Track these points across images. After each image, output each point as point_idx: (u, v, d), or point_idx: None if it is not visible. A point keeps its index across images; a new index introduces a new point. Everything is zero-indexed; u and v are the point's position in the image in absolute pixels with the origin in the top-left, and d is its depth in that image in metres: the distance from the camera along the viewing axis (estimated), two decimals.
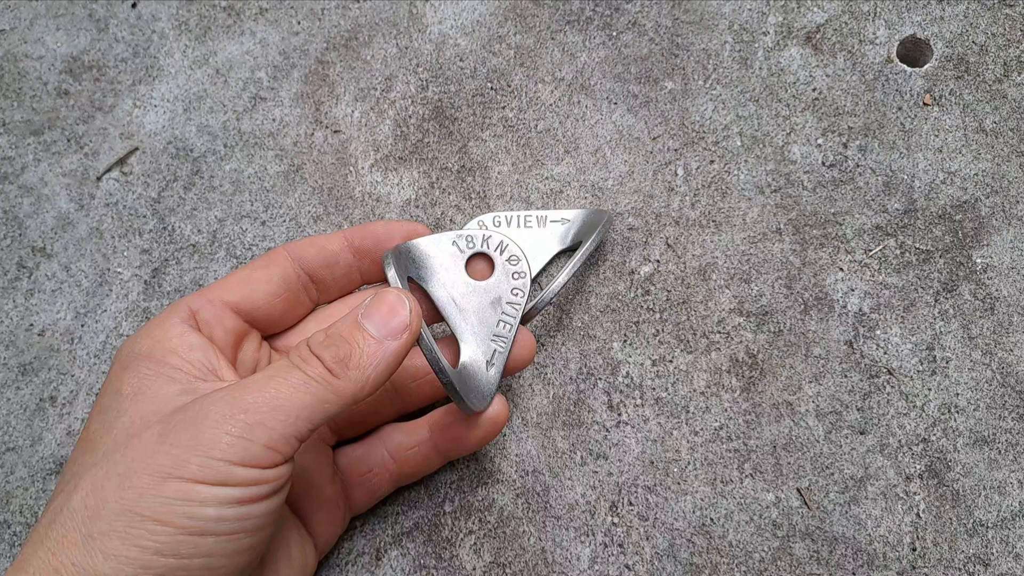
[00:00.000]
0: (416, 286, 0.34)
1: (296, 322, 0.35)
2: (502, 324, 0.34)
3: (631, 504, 0.36)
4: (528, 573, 0.36)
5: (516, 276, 0.35)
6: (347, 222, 0.42)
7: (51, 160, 0.45)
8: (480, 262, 0.35)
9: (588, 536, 0.36)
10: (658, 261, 0.40)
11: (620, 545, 0.36)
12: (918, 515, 0.35)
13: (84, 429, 0.29)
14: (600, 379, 0.38)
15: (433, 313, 0.35)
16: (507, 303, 0.34)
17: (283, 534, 0.31)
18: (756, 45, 0.44)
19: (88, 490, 0.25)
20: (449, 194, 0.42)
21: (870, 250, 0.40)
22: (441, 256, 0.35)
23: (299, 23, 0.47)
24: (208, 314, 0.31)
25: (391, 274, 0.32)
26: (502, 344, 0.33)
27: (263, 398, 0.26)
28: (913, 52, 0.43)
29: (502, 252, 0.35)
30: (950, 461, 0.36)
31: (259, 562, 0.29)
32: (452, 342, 0.34)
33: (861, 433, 0.37)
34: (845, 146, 0.41)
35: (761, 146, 0.42)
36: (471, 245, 0.35)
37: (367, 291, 0.36)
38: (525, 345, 0.34)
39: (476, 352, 0.33)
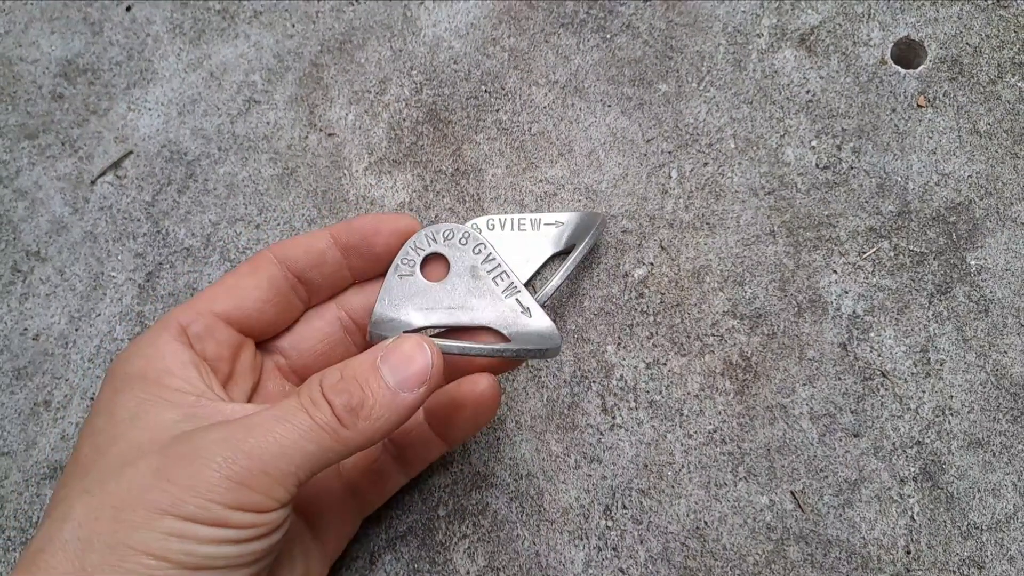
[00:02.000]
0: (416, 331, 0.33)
1: (289, 325, 0.35)
2: (498, 280, 0.33)
3: (625, 507, 0.36)
4: None
5: (464, 241, 0.34)
6: None
7: (45, 164, 0.45)
8: (431, 264, 0.34)
9: (582, 540, 0.36)
10: (652, 264, 0.40)
11: (614, 549, 0.36)
12: (912, 518, 0.35)
13: (75, 451, 0.28)
14: (594, 382, 0.38)
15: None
16: (482, 263, 0.33)
17: (287, 548, 0.30)
18: (750, 47, 0.44)
19: (80, 520, 0.24)
20: (443, 197, 0.42)
21: (864, 252, 0.40)
22: (403, 291, 0.33)
23: (293, 26, 0.47)
24: (199, 328, 0.30)
25: (398, 282, 0.32)
26: (516, 291, 0.33)
27: (266, 443, 0.25)
28: (907, 54, 0.43)
29: (436, 239, 0.33)
30: (944, 464, 0.36)
31: None
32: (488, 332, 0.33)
33: (855, 436, 0.37)
34: (839, 148, 0.41)
35: (755, 148, 0.42)
36: (410, 261, 0.33)
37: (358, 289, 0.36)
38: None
39: (510, 316, 0.33)
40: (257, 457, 0.25)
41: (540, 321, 0.33)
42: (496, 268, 0.33)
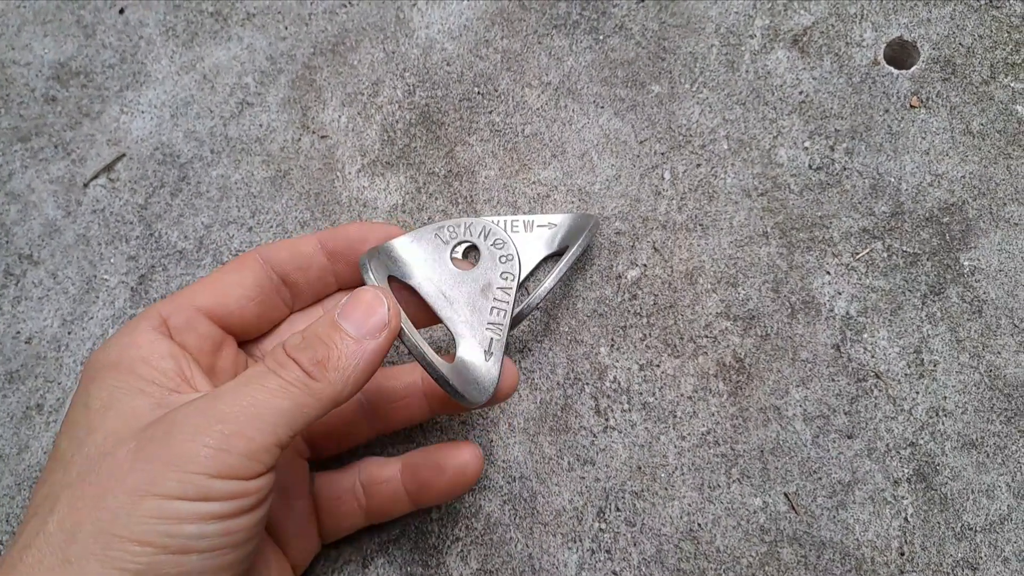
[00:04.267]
0: (401, 284, 0.33)
1: (271, 328, 0.34)
2: (495, 311, 0.32)
3: (618, 510, 0.36)
4: None
5: (504, 260, 0.33)
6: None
7: (38, 167, 0.45)
8: (466, 251, 0.34)
9: (575, 542, 0.36)
10: (645, 265, 0.40)
11: (607, 551, 0.36)
12: (906, 519, 0.35)
13: (54, 446, 0.27)
14: (587, 384, 0.38)
15: (425, 313, 0.34)
16: (498, 288, 0.33)
17: (262, 551, 0.31)
18: (743, 48, 0.44)
19: (64, 512, 0.24)
20: (436, 199, 0.42)
21: (857, 253, 0.39)
22: (424, 250, 0.33)
23: (286, 28, 0.47)
24: (179, 320, 0.30)
25: (368, 276, 0.31)
26: (498, 332, 0.32)
27: (239, 406, 0.25)
28: (900, 54, 0.43)
29: (486, 237, 0.34)
30: (938, 465, 0.36)
31: None
32: (449, 337, 0.33)
33: (849, 437, 0.37)
34: (832, 149, 0.41)
35: (748, 149, 0.42)
36: (454, 235, 0.34)
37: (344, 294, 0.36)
38: (509, 376, 0.33)
39: (472, 343, 0.32)
40: (232, 420, 0.24)
41: (488, 369, 0.31)
42: (503, 301, 0.33)
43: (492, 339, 0.32)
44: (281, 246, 0.33)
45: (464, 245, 0.34)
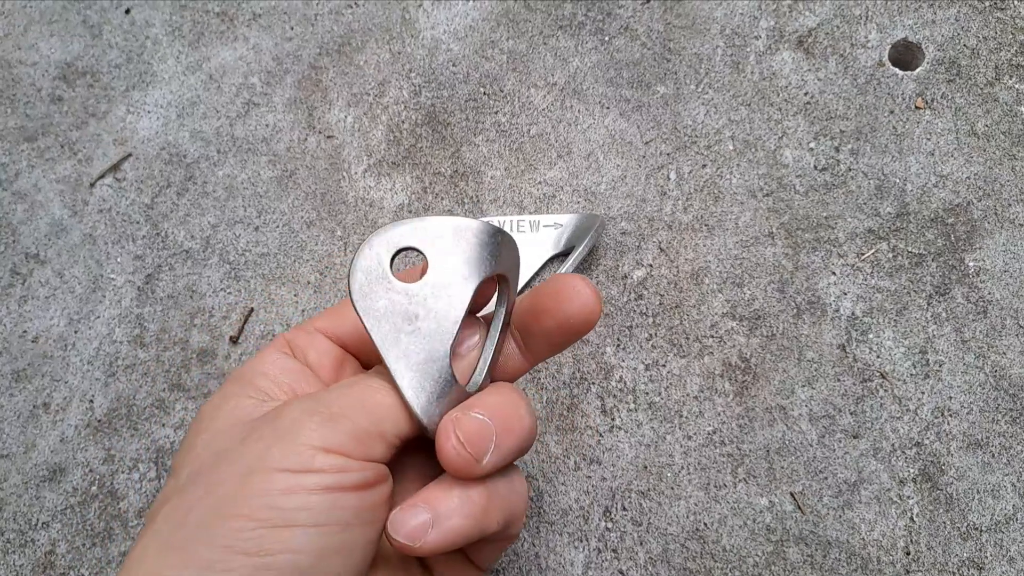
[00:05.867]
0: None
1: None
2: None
3: (625, 509, 0.36)
4: None
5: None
6: (340, 227, 0.42)
7: (45, 166, 0.45)
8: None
9: (582, 541, 0.36)
10: (651, 265, 0.40)
11: (614, 550, 0.36)
12: (912, 519, 0.35)
13: (172, 464, 0.28)
14: (593, 384, 0.38)
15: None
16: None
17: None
18: (748, 49, 0.44)
19: (172, 506, 0.24)
20: (442, 199, 0.42)
21: (862, 254, 0.40)
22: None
23: (292, 29, 0.47)
24: (302, 340, 0.30)
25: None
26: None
27: (346, 398, 0.25)
28: (905, 55, 0.43)
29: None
30: (943, 465, 0.36)
31: None
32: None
33: (854, 437, 0.37)
34: (837, 150, 0.41)
35: (753, 150, 0.42)
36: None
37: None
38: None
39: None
40: (337, 405, 0.25)
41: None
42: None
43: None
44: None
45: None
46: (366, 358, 0.32)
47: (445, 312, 0.25)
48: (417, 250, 0.26)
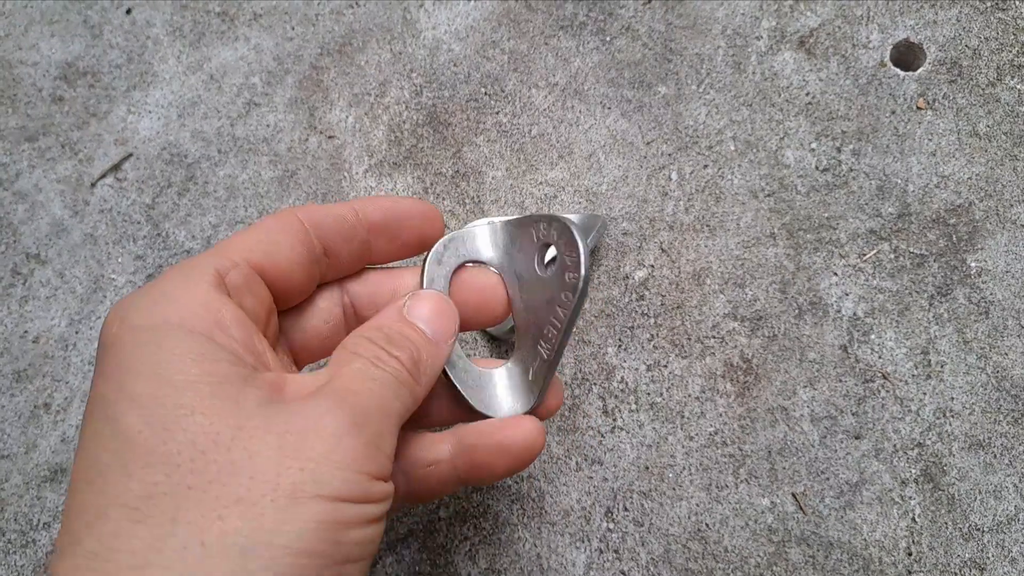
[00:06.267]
0: (488, 270, 0.30)
1: (300, 302, 0.29)
2: (549, 328, 0.28)
3: (626, 510, 0.36)
4: None
5: (570, 277, 0.28)
6: None
7: (45, 166, 0.45)
8: (547, 254, 0.30)
9: (583, 542, 0.36)
10: (652, 266, 0.40)
11: (615, 551, 0.36)
12: (914, 520, 0.35)
13: (108, 420, 0.20)
14: (595, 384, 0.38)
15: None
16: (558, 307, 0.28)
17: None
18: (749, 50, 0.44)
19: (192, 520, 0.19)
20: (443, 199, 0.42)
21: (864, 254, 0.40)
22: (515, 244, 0.30)
23: (293, 29, 0.47)
24: (238, 278, 0.25)
25: (437, 270, 0.28)
26: (547, 350, 0.28)
27: (373, 402, 0.22)
28: (906, 56, 0.43)
29: (566, 246, 0.28)
30: (945, 465, 0.36)
31: None
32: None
33: (856, 438, 0.37)
34: (839, 150, 0.41)
35: (755, 151, 0.42)
36: (547, 235, 0.29)
37: (377, 271, 0.31)
38: (556, 393, 0.30)
39: (520, 356, 0.29)
40: (371, 417, 0.22)
41: (528, 388, 0.28)
42: (558, 320, 0.28)
43: (540, 356, 0.28)
44: (324, 212, 0.28)
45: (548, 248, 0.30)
46: (283, 304, 0.28)
47: None
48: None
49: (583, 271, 0.27)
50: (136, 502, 0.19)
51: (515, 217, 0.31)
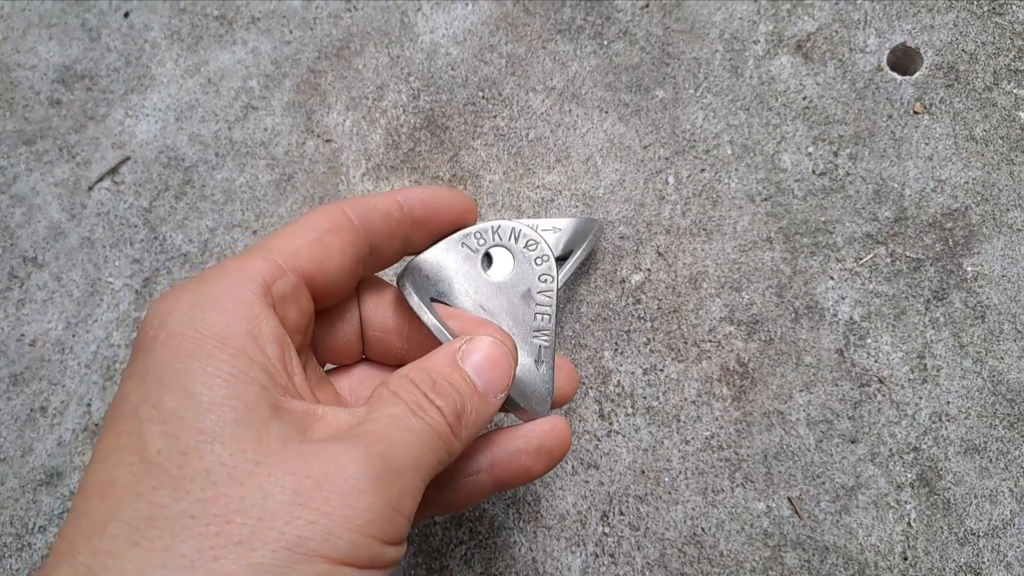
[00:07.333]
0: (441, 305, 0.30)
1: (334, 304, 0.28)
2: (539, 317, 0.30)
3: (622, 514, 0.36)
4: None
5: (539, 261, 0.31)
6: None
7: (43, 170, 0.45)
8: (497, 257, 0.31)
9: (579, 546, 0.36)
10: (649, 270, 0.40)
11: (611, 555, 0.36)
12: (909, 524, 0.35)
13: (137, 441, 0.20)
14: (591, 388, 0.38)
15: None
16: (538, 293, 0.30)
17: None
18: (747, 54, 0.44)
19: (189, 557, 0.18)
20: None
21: (861, 258, 0.40)
22: (455, 262, 0.31)
23: (291, 32, 0.47)
24: (285, 288, 0.23)
25: (416, 303, 0.28)
26: (545, 338, 0.30)
27: (404, 457, 0.21)
28: (903, 60, 0.43)
29: (517, 240, 0.31)
30: (941, 470, 0.36)
31: None
32: None
33: (852, 442, 0.37)
34: (835, 154, 0.41)
35: (752, 154, 0.42)
36: (482, 241, 0.31)
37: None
38: (567, 379, 0.30)
39: (522, 354, 0.30)
40: (403, 474, 0.20)
41: (543, 378, 0.29)
42: (545, 305, 0.30)
43: (540, 347, 0.30)
44: (369, 206, 0.27)
45: (496, 249, 0.31)
46: (325, 304, 0.27)
47: None
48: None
49: (547, 250, 0.31)
50: (137, 522, 0.19)
51: (442, 241, 0.31)
